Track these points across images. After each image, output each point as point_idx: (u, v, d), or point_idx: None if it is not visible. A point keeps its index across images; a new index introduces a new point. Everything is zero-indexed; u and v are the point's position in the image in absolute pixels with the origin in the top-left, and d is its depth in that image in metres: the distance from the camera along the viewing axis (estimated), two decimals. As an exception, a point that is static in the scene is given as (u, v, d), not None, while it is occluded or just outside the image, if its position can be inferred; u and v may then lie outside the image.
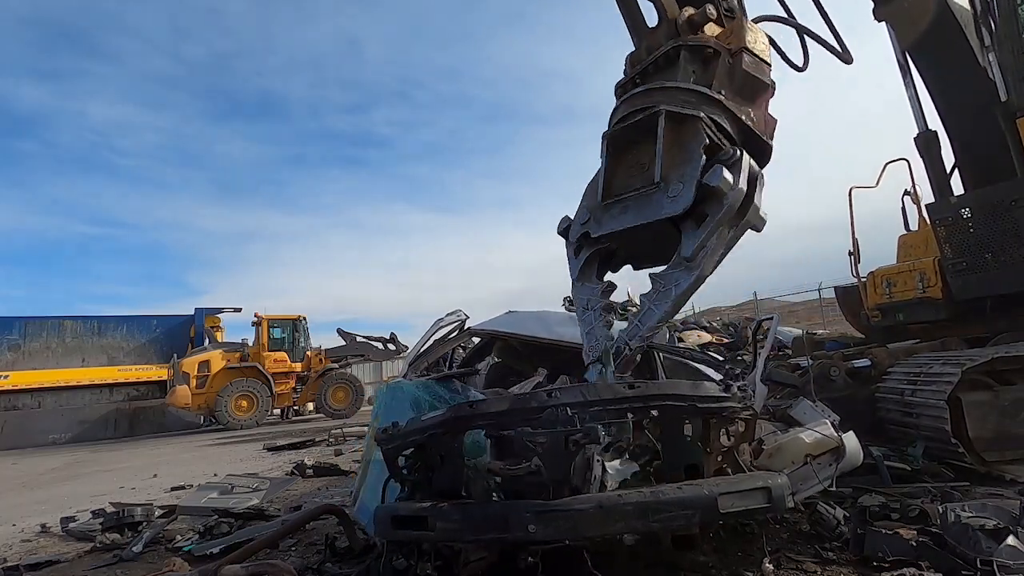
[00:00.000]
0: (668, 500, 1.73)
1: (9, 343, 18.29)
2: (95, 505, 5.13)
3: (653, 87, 2.86)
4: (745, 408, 2.07)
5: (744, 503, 1.80)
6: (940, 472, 3.61)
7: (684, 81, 2.79)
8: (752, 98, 2.87)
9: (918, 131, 5.42)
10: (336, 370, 18.38)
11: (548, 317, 4.67)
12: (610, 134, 2.94)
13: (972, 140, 4.97)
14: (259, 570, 2.44)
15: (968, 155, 5.09)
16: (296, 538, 3.45)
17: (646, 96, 2.86)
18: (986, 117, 4.64)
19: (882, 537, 2.37)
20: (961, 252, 4.78)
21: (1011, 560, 2.05)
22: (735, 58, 2.80)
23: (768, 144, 2.89)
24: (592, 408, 1.86)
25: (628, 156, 2.88)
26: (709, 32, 2.93)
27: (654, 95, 2.82)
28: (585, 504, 1.73)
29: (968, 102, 4.85)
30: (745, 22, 2.93)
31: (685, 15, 2.94)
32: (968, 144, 5.04)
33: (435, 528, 1.89)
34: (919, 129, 5.41)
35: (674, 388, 1.96)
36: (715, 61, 2.81)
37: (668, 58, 2.91)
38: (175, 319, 20.80)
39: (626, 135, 2.87)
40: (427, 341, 4.69)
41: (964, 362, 3.73)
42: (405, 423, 2.24)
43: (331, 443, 9.67)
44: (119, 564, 3.42)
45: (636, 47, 3.19)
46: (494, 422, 2.00)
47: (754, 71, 2.83)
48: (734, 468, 2.07)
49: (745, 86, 2.83)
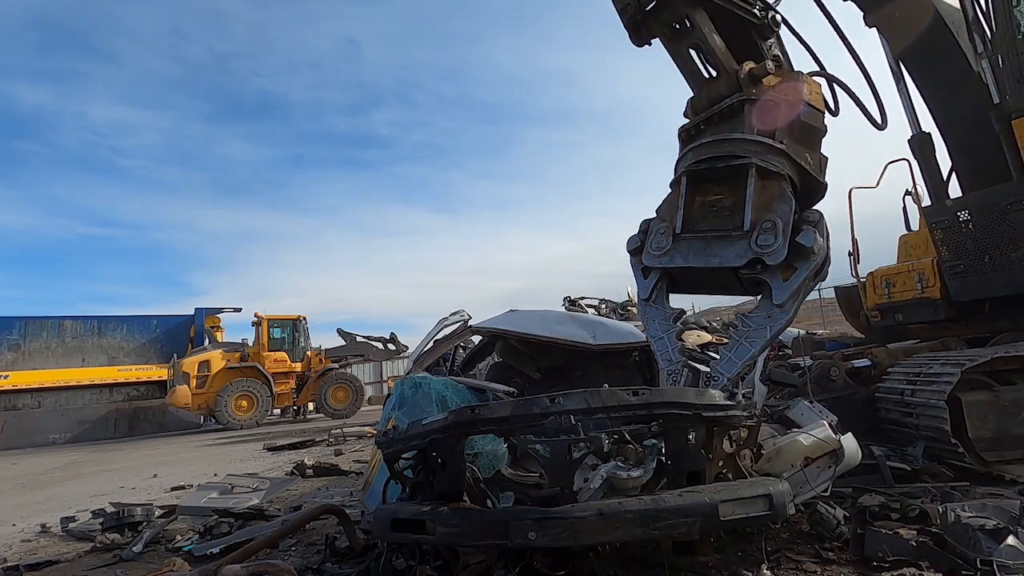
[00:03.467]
0: (669, 508, 1.73)
1: (9, 343, 18.28)
2: (95, 505, 5.13)
3: (722, 138, 3.18)
4: (750, 416, 2.07)
5: (745, 510, 1.80)
6: (940, 472, 3.60)
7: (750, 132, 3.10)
8: (809, 144, 3.21)
9: (912, 133, 5.42)
10: (336, 370, 18.37)
11: (549, 316, 4.69)
12: (690, 170, 3.24)
13: (967, 144, 4.95)
14: (259, 570, 2.44)
15: (964, 158, 5.07)
16: (296, 538, 3.44)
17: (715, 146, 3.18)
18: (981, 121, 4.62)
19: (882, 537, 2.37)
20: (959, 255, 4.78)
21: (1011, 560, 2.05)
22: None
23: (823, 183, 3.24)
24: (596, 416, 1.86)
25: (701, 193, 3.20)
26: (767, 83, 3.22)
27: (723, 145, 3.14)
28: (585, 511, 1.72)
29: (962, 107, 4.83)
30: (802, 76, 3.27)
31: (746, 68, 3.22)
32: (963, 147, 5.03)
33: (435, 532, 1.89)
34: (913, 131, 5.41)
35: (679, 396, 1.95)
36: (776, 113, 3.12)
37: (732, 109, 3.21)
38: (175, 319, 20.80)
39: (704, 175, 3.19)
40: (431, 340, 4.71)
41: (964, 362, 3.73)
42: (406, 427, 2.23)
43: (331, 443, 9.67)
44: (119, 564, 3.42)
45: (696, 94, 3.52)
46: (496, 428, 2.00)
47: (811, 121, 3.19)
48: (735, 473, 2.06)
49: (804, 134, 3.17)
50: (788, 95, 3.13)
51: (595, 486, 1.89)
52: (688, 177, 3.21)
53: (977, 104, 4.64)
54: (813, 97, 3.20)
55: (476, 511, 1.97)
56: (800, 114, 3.10)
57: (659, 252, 3.23)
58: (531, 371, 4.70)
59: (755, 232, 2.86)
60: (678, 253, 3.16)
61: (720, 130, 3.23)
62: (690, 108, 3.52)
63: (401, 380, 3.72)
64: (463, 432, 2.02)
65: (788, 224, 2.81)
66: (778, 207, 2.88)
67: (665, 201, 3.40)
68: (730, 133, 3.15)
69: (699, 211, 3.18)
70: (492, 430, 2.03)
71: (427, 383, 3.37)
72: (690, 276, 3.25)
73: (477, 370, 5.21)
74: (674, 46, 3.46)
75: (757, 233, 2.85)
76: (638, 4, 3.28)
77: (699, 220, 3.16)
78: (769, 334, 2.78)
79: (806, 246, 2.75)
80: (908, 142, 5.46)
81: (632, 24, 3.42)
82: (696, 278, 3.26)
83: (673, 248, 3.17)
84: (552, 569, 2.13)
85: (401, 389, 3.47)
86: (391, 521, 2.07)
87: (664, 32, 3.42)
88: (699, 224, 3.15)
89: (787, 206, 2.87)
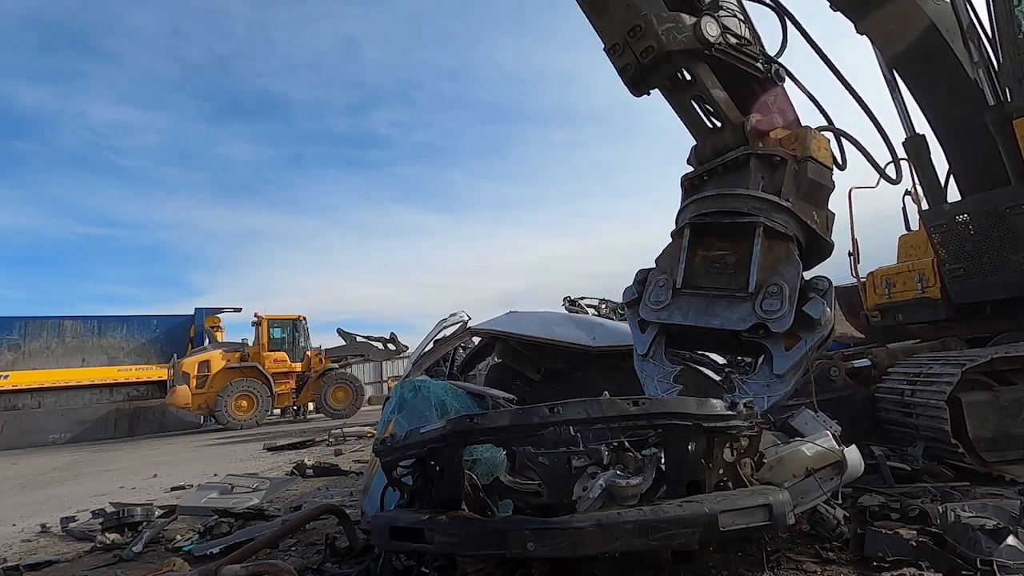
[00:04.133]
0: (668, 518, 1.72)
1: (9, 343, 18.29)
2: (95, 505, 5.13)
3: (726, 192, 3.08)
4: (751, 426, 2.05)
5: (745, 520, 1.79)
6: (940, 472, 3.60)
7: (755, 187, 3.00)
8: (816, 201, 3.09)
9: (906, 135, 5.40)
10: (336, 370, 18.39)
11: (548, 317, 4.68)
12: (693, 223, 3.14)
13: (964, 148, 4.93)
14: (259, 570, 2.44)
15: (961, 162, 5.05)
16: (296, 538, 3.44)
17: (719, 200, 3.07)
18: (977, 125, 4.59)
19: (882, 537, 2.37)
20: (958, 259, 4.77)
21: (1011, 560, 2.05)
22: (800, 166, 3.01)
23: (830, 243, 3.15)
24: (595, 426, 1.85)
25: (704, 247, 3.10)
26: (774, 135, 3.15)
27: (727, 200, 3.03)
28: (584, 522, 1.71)
29: (958, 112, 4.78)
30: (810, 131, 3.14)
31: (752, 120, 3.15)
32: (960, 152, 5.00)
33: (433, 541, 1.88)
34: (907, 134, 5.39)
35: (680, 406, 1.93)
36: (782, 168, 3.01)
37: (737, 162, 3.13)
38: (175, 319, 20.80)
39: (707, 228, 3.09)
40: (431, 341, 4.70)
41: (964, 362, 3.73)
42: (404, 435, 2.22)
43: (331, 443, 9.67)
44: (119, 564, 3.42)
45: (700, 144, 3.43)
46: (494, 438, 1.99)
47: (818, 178, 3.06)
48: (736, 482, 2.05)
49: (811, 191, 3.05)
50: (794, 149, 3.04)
51: (594, 495, 1.88)
52: (691, 229, 3.10)
53: (973, 109, 4.61)
54: (821, 153, 3.08)
55: (475, 520, 1.95)
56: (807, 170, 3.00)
57: (657, 307, 3.12)
58: (531, 372, 4.69)
59: (760, 295, 2.76)
60: (678, 309, 3.05)
61: (724, 183, 3.15)
62: (694, 157, 3.44)
63: (400, 383, 3.71)
64: (461, 441, 2.00)
65: (795, 290, 2.71)
66: (785, 270, 2.79)
67: (665, 252, 3.29)
68: (734, 188, 3.05)
69: (701, 265, 3.08)
70: (490, 440, 2.02)
71: (426, 387, 3.36)
72: (689, 334, 3.13)
73: (477, 371, 5.20)
74: (675, 97, 3.38)
75: (762, 296, 2.75)
76: (638, 63, 3.14)
77: (701, 275, 3.06)
78: (767, 404, 2.68)
79: (813, 317, 2.65)
80: (903, 144, 5.45)
81: (632, 80, 3.31)
82: (695, 336, 3.15)
83: (673, 304, 3.07)
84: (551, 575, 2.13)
85: (400, 392, 3.46)
86: (389, 529, 2.06)
87: (664, 84, 3.34)
88: (700, 280, 3.04)
89: (794, 270, 2.77)
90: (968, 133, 4.77)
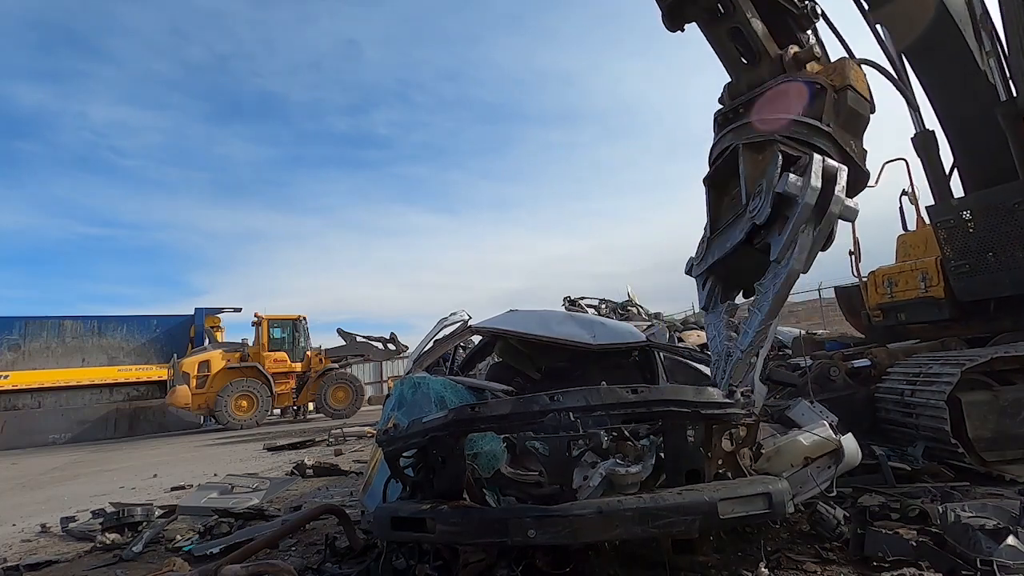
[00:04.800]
0: (668, 506, 1.73)
1: (9, 343, 18.28)
2: (95, 505, 5.12)
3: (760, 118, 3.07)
4: (748, 414, 2.06)
5: (744, 509, 1.80)
6: (940, 472, 3.60)
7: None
8: (854, 131, 3.09)
9: (915, 131, 5.40)
10: (336, 370, 18.36)
11: (549, 316, 4.68)
12: (708, 176, 3.23)
13: (972, 142, 4.92)
14: (259, 570, 2.44)
15: (968, 157, 5.04)
16: (296, 538, 3.44)
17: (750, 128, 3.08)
18: (987, 119, 4.59)
19: (882, 537, 2.37)
20: (963, 255, 4.75)
21: (1011, 560, 2.05)
22: (840, 94, 3.02)
23: (866, 172, 3.13)
24: (595, 413, 1.86)
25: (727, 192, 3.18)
26: (811, 68, 3.15)
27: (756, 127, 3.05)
28: (585, 509, 1.72)
29: (967, 104, 4.79)
30: (848, 62, 3.15)
31: (791, 51, 3.17)
32: (968, 145, 5.00)
33: (435, 531, 1.88)
34: (916, 129, 5.39)
35: (678, 394, 1.94)
36: (822, 96, 3.01)
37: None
38: (175, 319, 20.80)
39: (722, 174, 3.15)
40: (431, 340, 4.70)
41: (963, 362, 3.73)
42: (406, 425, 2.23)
43: (331, 443, 9.67)
44: (119, 564, 3.42)
45: (734, 80, 3.43)
46: (496, 426, 2.00)
47: (857, 107, 3.05)
48: (735, 472, 2.06)
49: (849, 120, 3.04)
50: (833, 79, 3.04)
51: (594, 483, 1.89)
52: (710, 182, 3.22)
53: (983, 102, 4.61)
54: (859, 84, 3.08)
55: (476, 509, 1.96)
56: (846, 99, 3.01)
57: (699, 260, 3.30)
58: (531, 371, 4.69)
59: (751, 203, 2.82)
60: (710, 254, 3.21)
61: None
62: (727, 94, 3.44)
63: (400, 380, 3.71)
64: (463, 430, 2.02)
65: (772, 181, 2.71)
66: (769, 171, 2.79)
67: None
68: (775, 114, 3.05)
69: (725, 209, 3.21)
70: (492, 428, 2.03)
71: (426, 383, 3.36)
72: (729, 272, 3.24)
73: (477, 370, 5.20)
74: (712, 30, 3.37)
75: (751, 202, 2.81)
76: None
77: (723, 217, 3.19)
78: (772, 293, 2.65)
79: (789, 192, 2.61)
80: (911, 140, 5.44)
81: (669, 8, 3.34)
82: (735, 272, 3.23)
83: (707, 251, 3.23)
84: (554, 568, 2.13)
85: (400, 389, 3.46)
86: (391, 519, 2.07)
87: (702, 16, 3.34)
88: (722, 221, 3.19)
89: (774, 166, 2.75)
90: (977, 127, 4.77)
